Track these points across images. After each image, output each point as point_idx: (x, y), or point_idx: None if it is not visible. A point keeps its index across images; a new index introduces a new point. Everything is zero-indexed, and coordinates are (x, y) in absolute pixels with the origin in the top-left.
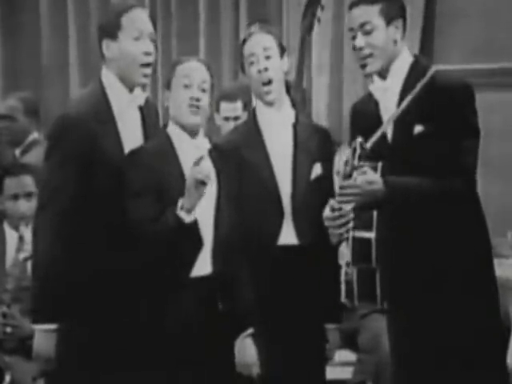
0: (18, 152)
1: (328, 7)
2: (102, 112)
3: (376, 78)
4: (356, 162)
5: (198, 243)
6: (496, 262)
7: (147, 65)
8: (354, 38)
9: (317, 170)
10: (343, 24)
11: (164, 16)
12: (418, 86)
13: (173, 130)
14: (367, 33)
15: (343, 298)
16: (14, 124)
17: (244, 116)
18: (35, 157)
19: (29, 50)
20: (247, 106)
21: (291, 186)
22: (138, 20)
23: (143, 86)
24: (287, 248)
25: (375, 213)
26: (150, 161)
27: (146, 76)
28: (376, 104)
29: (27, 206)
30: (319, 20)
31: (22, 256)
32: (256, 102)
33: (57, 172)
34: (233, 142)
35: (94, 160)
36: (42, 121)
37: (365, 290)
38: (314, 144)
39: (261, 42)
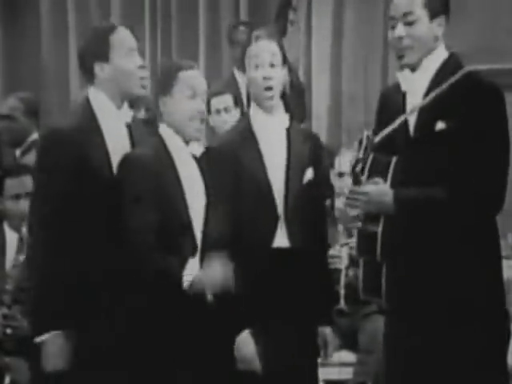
0: (18, 152)
1: (327, 8)
2: (89, 127)
3: (405, 69)
4: (361, 154)
5: (194, 248)
6: None
7: (142, 78)
8: (393, 27)
9: (308, 174)
10: (343, 25)
11: (164, 17)
12: (447, 84)
13: (166, 134)
14: (409, 23)
15: (342, 304)
16: (15, 124)
17: (234, 110)
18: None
19: (29, 52)
20: (237, 99)
21: (284, 189)
22: (126, 37)
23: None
24: (280, 250)
25: None
26: (147, 165)
27: (143, 87)
28: (403, 95)
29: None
30: (292, 23)
31: (22, 257)
32: (252, 106)
33: (45, 183)
34: (228, 145)
35: (82, 170)
36: (42, 121)
37: (370, 284)
38: (306, 149)
39: (268, 49)
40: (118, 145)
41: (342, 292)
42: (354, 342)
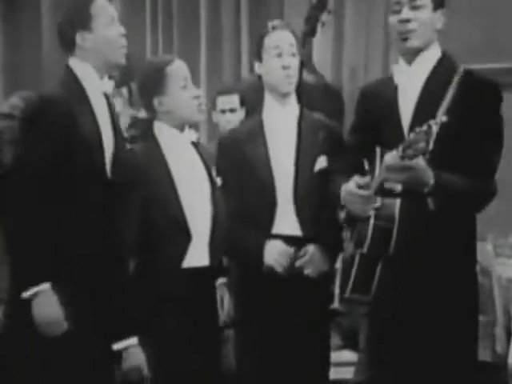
0: None
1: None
2: (77, 94)
3: (401, 61)
4: (431, 146)
5: (187, 238)
6: (497, 261)
7: (124, 47)
8: (397, 11)
9: (321, 162)
10: (344, 24)
11: (165, 16)
12: (455, 80)
13: (161, 130)
14: (415, 7)
15: (336, 304)
16: (16, 123)
17: (240, 110)
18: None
19: (29, 49)
20: (244, 100)
21: (294, 178)
22: (106, 6)
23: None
24: (291, 239)
25: (398, 205)
26: (136, 164)
27: (124, 55)
28: (395, 88)
29: None
30: (323, 24)
31: None
32: (265, 97)
33: (35, 149)
34: (235, 135)
35: (73, 137)
36: None
37: (362, 282)
38: (320, 138)
39: (287, 38)
40: (102, 114)
41: (337, 292)
42: (354, 342)
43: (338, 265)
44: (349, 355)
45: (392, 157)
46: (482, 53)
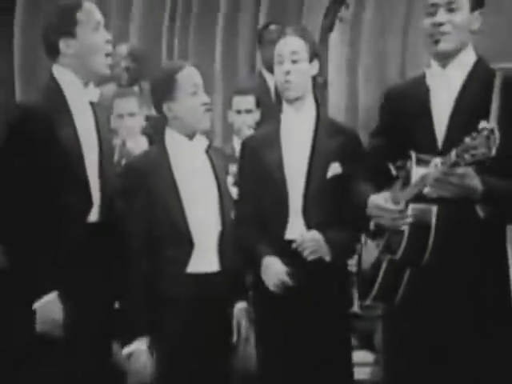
0: None
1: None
2: (58, 103)
3: (433, 63)
4: (494, 152)
5: (189, 244)
6: None
7: (109, 54)
8: (432, 14)
9: (335, 169)
10: (361, 24)
11: (183, 18)
12: (497, 85)
13: (171, 138)
14: (451, 10)
15: (356, 307)
16: None
17: (256, 111)
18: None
19: None
20: (260, 102)
21: (304, 184)
22: (93, 12)
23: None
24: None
25: (434, 212)
26: (140, 173)
27: (108, 66)
28: (427, 90)
29: None
30: (341, 19)
31: None
32: (283, 102)
33: (12, 160)
34: (257, 137)
35: (50, 147)
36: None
37: (385, 289)
38: (336, 143)
39: (290, 45)
40: (84, 123)
41: (357, 295)
42: (370, 342)
43: (354, 268)
44: (365, 356)
45: (436, 167)
46: (483, 54)
